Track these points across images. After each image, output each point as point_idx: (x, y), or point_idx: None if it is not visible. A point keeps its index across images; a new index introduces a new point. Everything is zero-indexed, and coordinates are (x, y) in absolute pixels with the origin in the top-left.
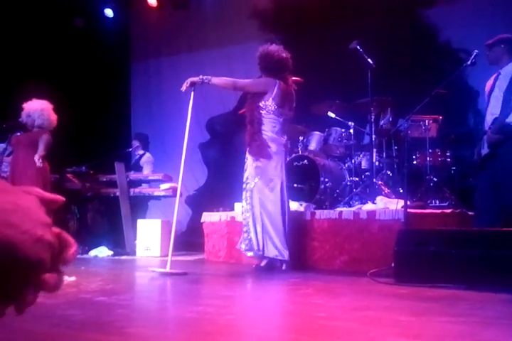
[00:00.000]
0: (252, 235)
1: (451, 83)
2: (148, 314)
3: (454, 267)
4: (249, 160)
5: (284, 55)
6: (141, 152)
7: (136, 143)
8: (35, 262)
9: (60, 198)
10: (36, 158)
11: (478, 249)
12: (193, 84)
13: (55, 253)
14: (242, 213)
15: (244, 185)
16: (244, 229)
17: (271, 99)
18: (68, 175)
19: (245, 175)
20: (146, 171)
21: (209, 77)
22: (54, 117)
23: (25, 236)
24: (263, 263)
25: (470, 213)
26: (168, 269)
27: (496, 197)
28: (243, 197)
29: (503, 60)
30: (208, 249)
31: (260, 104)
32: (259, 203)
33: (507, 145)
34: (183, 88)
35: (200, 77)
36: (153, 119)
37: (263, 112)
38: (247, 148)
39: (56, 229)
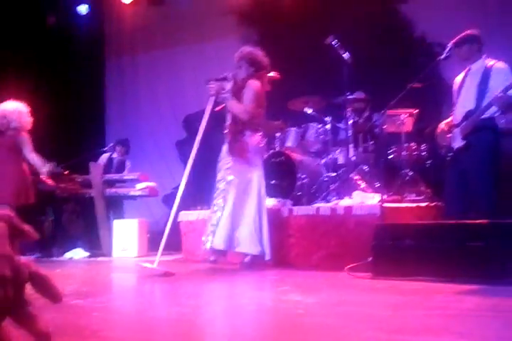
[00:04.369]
0: (222, 231)
1: (426, 77)
2: (124, 316)
3: (431, 260)
4: (225, 159)
5: (264, 56)
6: (122, 158)
7: (119, 149)
8: None
9: (32, 233)
10: (38, 162)
11: (453, 242)
12: (214, 93)
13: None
14: (213, 211)
15: (218, 184)
16: (212, 229)
17: None
18: (42, 176)
19: (220, 174)
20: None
21: (228, 95)
22: (30, 119)
23: None
24: (246, 259)
25: None
26: (155, 265)
27: (465, 189)
28: (216, 195)
29: (473, 57)
30: (186, 249)
31: None
32: (234, 202)
33: (481, 133)
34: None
35: (222, 91)
36: (128, 118)
37: None
38: (228, 148)
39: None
